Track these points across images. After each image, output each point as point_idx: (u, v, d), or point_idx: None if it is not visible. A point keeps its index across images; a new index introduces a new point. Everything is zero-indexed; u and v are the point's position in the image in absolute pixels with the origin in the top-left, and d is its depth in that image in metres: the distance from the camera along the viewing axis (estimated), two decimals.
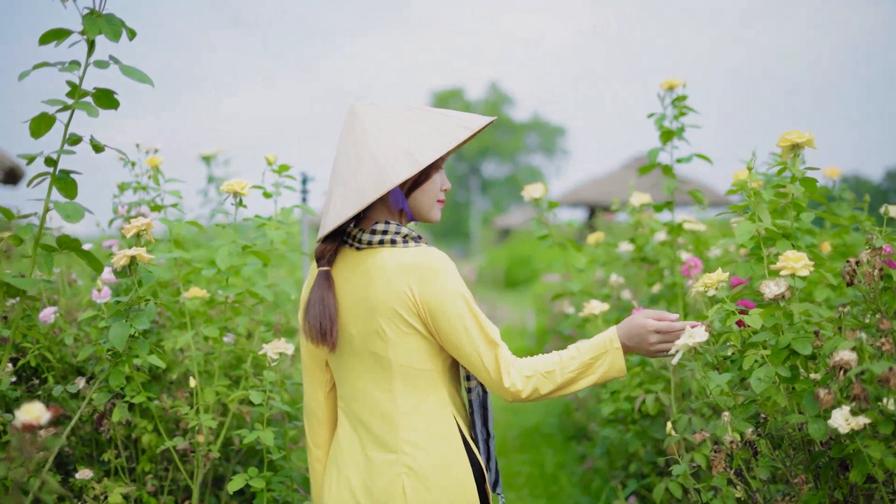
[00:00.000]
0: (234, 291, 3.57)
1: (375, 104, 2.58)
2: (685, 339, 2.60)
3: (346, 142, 2.53)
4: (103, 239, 4.10)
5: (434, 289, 2.45)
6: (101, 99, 2.76)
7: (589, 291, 5.07)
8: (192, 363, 3.58)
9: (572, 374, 2.49)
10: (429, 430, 2.53)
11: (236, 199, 3.39)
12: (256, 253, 3.52)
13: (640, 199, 4.92)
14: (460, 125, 2.56)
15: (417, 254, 2.49)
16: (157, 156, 3.88)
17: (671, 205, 4.49)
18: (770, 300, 2.58)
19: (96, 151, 2.82)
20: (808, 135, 2.94)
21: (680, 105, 4.31)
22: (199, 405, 3.53)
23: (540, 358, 2.53)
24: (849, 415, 2.33)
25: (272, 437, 3.33)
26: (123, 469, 3.59)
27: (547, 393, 2.49)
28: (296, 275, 6.35)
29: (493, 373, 2.46)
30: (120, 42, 2.68)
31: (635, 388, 3.94)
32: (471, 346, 2.46)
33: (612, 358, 2.52)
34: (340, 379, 2.65)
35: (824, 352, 2.55)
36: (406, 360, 2.51)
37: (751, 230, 2.91)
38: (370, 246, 2.52)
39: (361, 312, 2.51)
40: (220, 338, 3.59)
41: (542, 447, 7.78)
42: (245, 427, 3.80)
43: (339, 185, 2.49)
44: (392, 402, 2.52)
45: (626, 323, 2.58)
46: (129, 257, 2.96)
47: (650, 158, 4.38)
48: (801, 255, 2.59)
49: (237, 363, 3.92)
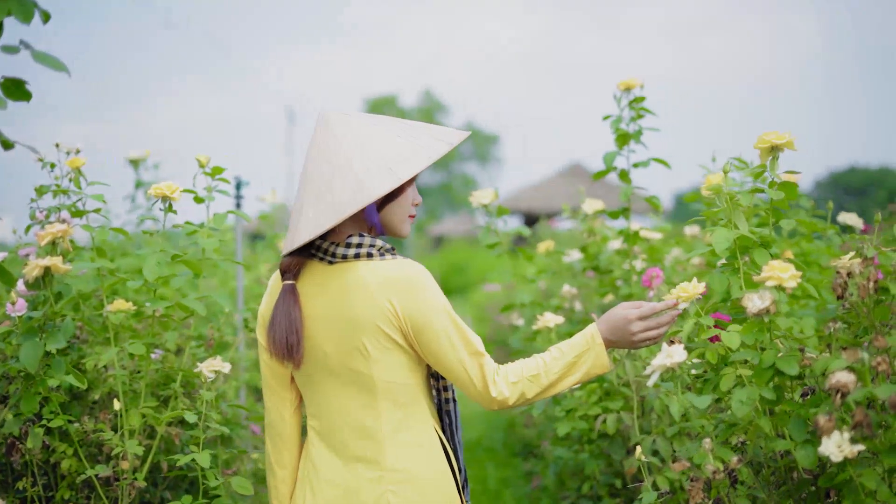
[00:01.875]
0: (163, 304, 3.27)
1: (348, 113, 2.53)
2: (662, 360, 2.38)
3: (319, 151, 2.47)
4: (20, 247, 3.76)
5: (417, 303, 2.40)
6: (11, 89, 2.45)
7: (540, 303, 4.83)
8: (116, 382, 3.28)
9: (556, 376, 2.46)
10: (414, 446, 2.48)
11: (165, 204, 3.11)
12: (187, 262, 3.24)
13: (593, 206, 4.70)
14: (437, 139, 2.53)
15: (397, 267, 2.44)
16: (80, 157, 3.55)
17: (627, 211, 4.28)
18: (754, 315, 2.36)
19: (5, 148, 2.51)
20: (788, 136, 2.74)
21: (637, 107, 4.10)
22: (125, 429, 3.24)
23: (523, 362, 2.49)
24: (842, 441, 2.12)
25: (208, 460, 3.10)
26: (40, 498, 3.29)
27: (533, 397, 2.48)
28: (229, 285, 6.04)
29: (478, 384, 2.42)
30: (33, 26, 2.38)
31: (592, 406, 3.71)
32: (456, 359, 2.42)
33: (596, 354, 2.48)
34: (312, 397, 2.57)
35: (815, 372, 2.33)
36: (389, 376, 2.45)
37: (729, 238, 2.69)
38: (345, 260, 2.45)
39: (338, 329, 2.44)
40: (147, 354, 3.30)
41: (485, 462, 7.54)
42: (175, 451, 3.52)
43: (311, 196, 2.42)
44: (375, 420, 2.46)
45: (605, 317, 2.54)
46: (43, 268, 2.67)
47: (606, 163, 4.15)
48: (788, 264, 2.37)
49: (166, 382, 3.62)
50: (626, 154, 4.19)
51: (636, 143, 4.13)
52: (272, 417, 2.67)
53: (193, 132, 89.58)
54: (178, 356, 3.69)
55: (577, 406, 3.73)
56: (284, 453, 2.67)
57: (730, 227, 2.76)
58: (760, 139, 2.76)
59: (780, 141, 2.73)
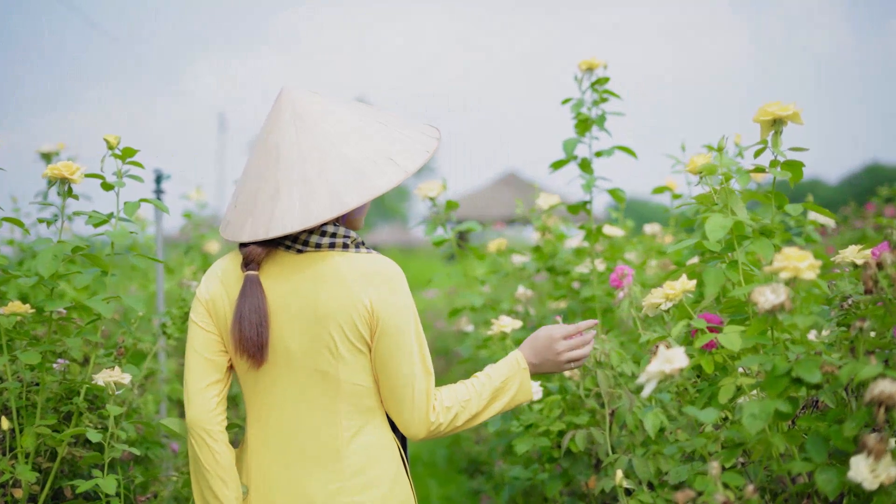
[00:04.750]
0: (60, 305, 2.79)
1: (316, 92, 2.37)
2: (660, 365, 1.98)
3: (296, 130, 2.27)
4: None
5: (391, 301, 2.25)
6: None
7: (493, 306, 4.40)
8: (9, 396, 2.81)
9: (485, 402, 2.36)
10: (374, 455, 2.31)
11: (65, 188, 2.65)
12: (91, 257, 2.79)
13: (548, 201, 4.31)
14: (422, 132, 2.41)
15: (372, 261, 2.28)
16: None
17: (588, 205, 3.87)
18: (766, 311, 1.97)
19: None
20: (793, 107, 2.37)
21: (601, 90, 3.70)
22: (18, 451, 2.77)
23: (452, 388, 2.38)
24: (876, 464, 1.75)
25: (114, 485, 2.69)
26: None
27: (461, 425, 2.36)
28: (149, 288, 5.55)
29: (419, 404, 2.28)
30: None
31: (555, 422, 3.30)
32: (408, 371, 2.27)
33: (521, 380, 2.41)
34: (258, 397, 2.36)
35: (840, 380, 1.95)
36: (354, 378, 2.28)
37: (725, 225, 2.31)
38: (318, 249, 2.27)
39: (305, 323, 2.25)
40: (46, 365, 2.84)
41: (426, 478, 7.10)
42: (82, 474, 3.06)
43: (293, 182, 2.23)
44: (335, 425, 2.28)
45: (529, 340, 2.48)
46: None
47: (566, 151, 3.74)
48: (805, 252, 1.98)
49: (69, 395, 3.14)
50: (587, 141, 3.79)
51: (599, 129, 3.74)
52: (197, 413, 2.33)
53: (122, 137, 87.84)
54: (85, 367, 3.22)
55: (537, 421, 3.32)
56: (220, 455, 2.33)
57: (726, 214, 2.38)
58: (762, 111, 2.39)
59: (784, 113, 2.37)
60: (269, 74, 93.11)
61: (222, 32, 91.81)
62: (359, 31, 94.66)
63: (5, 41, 40.64)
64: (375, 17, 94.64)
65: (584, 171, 3.80)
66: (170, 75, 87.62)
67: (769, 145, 2.43)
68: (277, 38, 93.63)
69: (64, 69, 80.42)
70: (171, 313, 3.63)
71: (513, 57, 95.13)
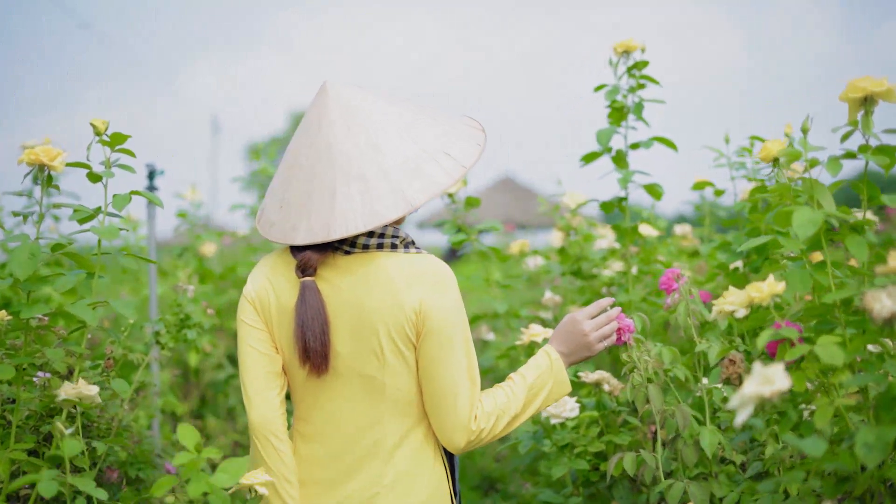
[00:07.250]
0: (37, 311, 2.45)
1: (360, 86, 2.29)
2: (757, 387, 1.65)
3: (345, 129, 2.19)
4: None
5: (439, 303, 2.18)
6: None
7: (517, 313, 4.06)
8: None
9: (522, 403, 2.28)
10: (416, 464, 2.26)
11: (44, 175, 2.32)
12: (75, 256, 2.47)
13: (574, 199, 3.98)
14: (466, 125, 2.36)
15: (422, 261, 2.22)
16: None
17: (624, 202, 3.54)
18: (884, 320, 1.64)
19: None
20: (887, 83, 2.04)
21: (638, 75, 3.37)
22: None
23: (492, 391, 2.30)
24: None
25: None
26: None
27: (501, 431, 2.28)
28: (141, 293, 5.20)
29: (462, 412, 2.20)
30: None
31: (593, 441, 2.96)
32: (454, 377, 2.20)
33: (556, 373, 2.32)
34: (308, 400, 2.31)
35: None
36: (400, 384, 2.22)
37: (815, 220, 1.97)
38: (365, 250, 2.21)
39: (353, 326, 2.20)
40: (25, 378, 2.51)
41: None
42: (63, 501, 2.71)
43: (351, 180, 2.16)
44: (379, 432, 2.24)
45: (554, 334, 2.42)
46: None
47: (600, 141, 3.41)
48: None
49: (50, 413, 2.80)
50: (623, 132, 3.46)
51: (637, 118, 3.41)
52: (262, 412, 2.26)
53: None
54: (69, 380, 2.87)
55: (573, 441, 2.99)
56: (286, 455, 2.26)
57: (814, 207, 2.05)
58: (851, 86, 2.07)
59: (878, 88, 2.04)
60: (269, 74, 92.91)
61: (222, 32, 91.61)
62: (359, 31, 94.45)
63: (5, 41, 40.23)
64: (375, 17, 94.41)
65: (618, 165, 3.47)
66: (169, 75, 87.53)
67: (859, 126, 2.09)
68: (277, 38, 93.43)
69: (64, 69, 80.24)
70: (164, 320, 3.30)
71: (513, 57, 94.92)
